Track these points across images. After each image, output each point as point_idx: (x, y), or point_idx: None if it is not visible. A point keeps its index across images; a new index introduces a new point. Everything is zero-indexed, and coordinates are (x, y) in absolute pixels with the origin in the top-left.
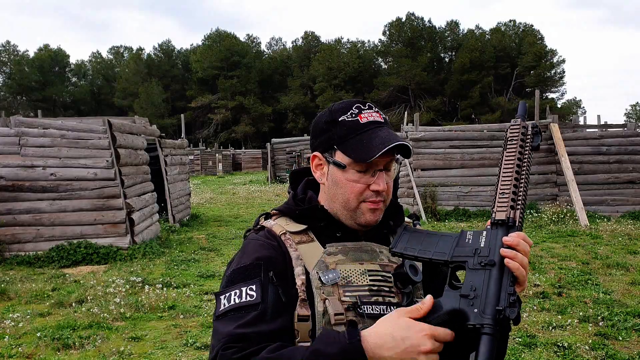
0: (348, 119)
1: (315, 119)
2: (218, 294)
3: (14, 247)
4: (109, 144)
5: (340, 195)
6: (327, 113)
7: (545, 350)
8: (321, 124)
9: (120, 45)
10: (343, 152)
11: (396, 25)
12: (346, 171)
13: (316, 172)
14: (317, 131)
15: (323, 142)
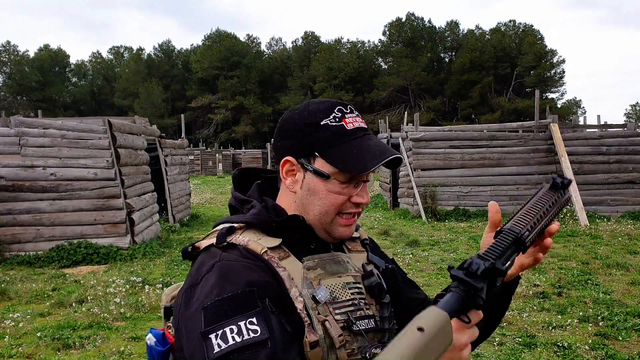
0: (332, 123)
1: (286, 117)
2: (205, 333)
3: (14, 247)
4: (109, 144)
5: (317, 207)
6: (304, 113)
7: (545, 350)
8: (298, 124)
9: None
10: (327, 160)
11: (396, 25)
12: (328, 181)
13: (287, 178)
14: (291, 132)
15: (300, 146)
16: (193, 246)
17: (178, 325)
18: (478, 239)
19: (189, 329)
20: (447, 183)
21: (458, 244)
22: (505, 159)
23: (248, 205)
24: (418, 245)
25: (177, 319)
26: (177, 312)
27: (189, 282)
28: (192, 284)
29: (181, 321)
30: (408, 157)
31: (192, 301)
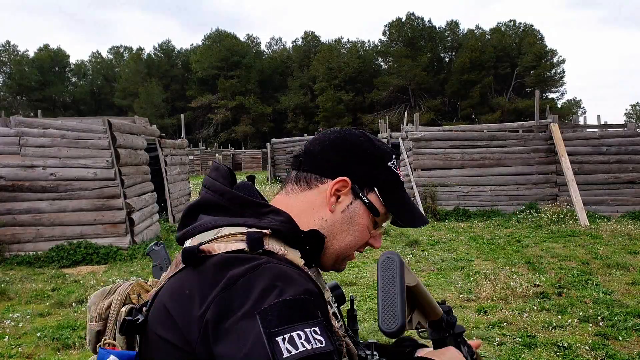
0: (393, 168)
1: (352, 139)
2: (272, 334)
3: (13, 247)
4: (109, 144)
5: (350, 237)
6: (375, 146)
7: (545, 350)
8: (368, 152)
9: (120, 45)
10: (384, 200)
11: (396, 25)
12: (368, 217)
13: (332, 196)
14: (359, 157)
15: (363, 174)
16: (200, 250)
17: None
18: (478, 239)
19: (239, 334)
20: (447, 183)
21: (458, 244)
22: (506, 159)
23: (264, 209)
24: (418, 245)
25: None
26: (186, 318)
27: (209, 287)
28: (225, 288)
29: (217, 330)
30: (408, 157)
31: (234, 305)
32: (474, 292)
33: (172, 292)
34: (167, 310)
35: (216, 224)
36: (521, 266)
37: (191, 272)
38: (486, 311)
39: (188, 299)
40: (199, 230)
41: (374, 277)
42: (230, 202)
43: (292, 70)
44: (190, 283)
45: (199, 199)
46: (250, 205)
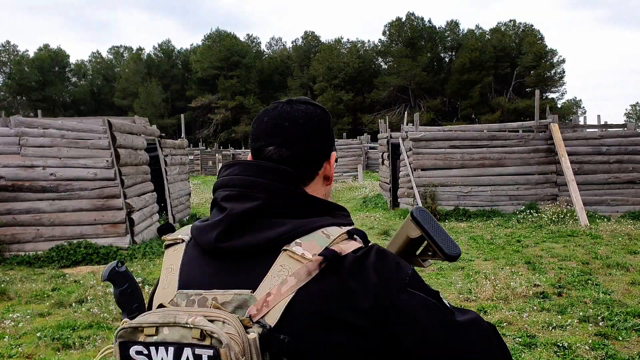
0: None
1: (315, 114)
2: (437, 294)
3: (13, 247)
4: (108, 144)
5: (329, 194)
6: (326, 114)
7: (545, 350)
8: (327, 122)
9: (120, 45)
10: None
11: (396, 25)
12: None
13: (331, 169)
14: (328, 130)
15: (332, 141)
16: (337, 253)
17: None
18: (478, 238)
19: (406, 309)
20: (447, 183)
21: (458, 244)
22: (506, 159)
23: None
24: None
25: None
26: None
27: (363, 280)
28: (379, 274)
29: (395, 307)
30: (408, 157)
31: (392, 285)
32: (474, 292)
33: (325, 297)
34: (327, 314)
35: (314, 226)
36: (521, 266)
37: (335, 275)
38: (486, 311)
39: (347, 296)
40: (297, 234)
41: None
42: (299, 204)
43: (292, 70)
44: (344, 285)
45: (258, 203)
46: (320, 204)
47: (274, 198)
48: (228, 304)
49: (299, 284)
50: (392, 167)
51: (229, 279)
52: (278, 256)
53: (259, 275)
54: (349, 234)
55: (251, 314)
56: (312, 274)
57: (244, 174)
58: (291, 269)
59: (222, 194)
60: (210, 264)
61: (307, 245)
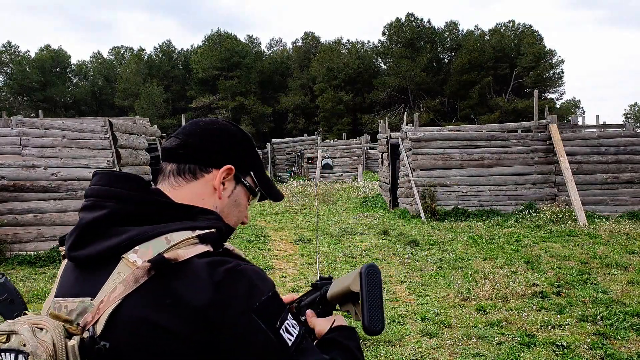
0: (257, 152)
1: (221, 127)
2: (276, 330)
3: (15, 247)
4: (109, 144)
5: (235, 217)
6: (241, 132)
7: (544, 350)
8: (238, 139)
9: (121, 46)
10: (259, 182)
11: (395, 26)
12: (247, 198)
13: (220, 184)
14: (237, 145)
15: (240, 160)
16: (168, 259)
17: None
18: (477, 238)
19: (240, 332)
20: (446, 183)
21: (457, 244)
22: (504, 159)
23: (193, 210)
24: (417, 245)
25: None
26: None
27: (196, 291)
28: (216, 289)
29: (217, 325)
30: (407, 157)
31: (225, 306)
32: (473, 292)
33: (152, 306)
34: (155, 323)
35: (156, 232)
36: (520, 266)
37: (163, 282)
38: (485, 310)
39: (175, 306)
40: (137, 241)
41: None
42: (153, 210)
43: (292, 70)
44: (171, 292)
45: (107, 212)
46: (179, 209)
47: (122, 206)
48: (74, 312)
49: (126, 291)
50: (392, 167)
51: (79, 287)
52: (118, 264)
53: (100, 283)
54: (200, 238)
55: (87, 321)
56: (139, 280)
57: (99, 184)
58: (124, 276)
59: (82, 204)
60: (72, 273)
61: (143, 252)
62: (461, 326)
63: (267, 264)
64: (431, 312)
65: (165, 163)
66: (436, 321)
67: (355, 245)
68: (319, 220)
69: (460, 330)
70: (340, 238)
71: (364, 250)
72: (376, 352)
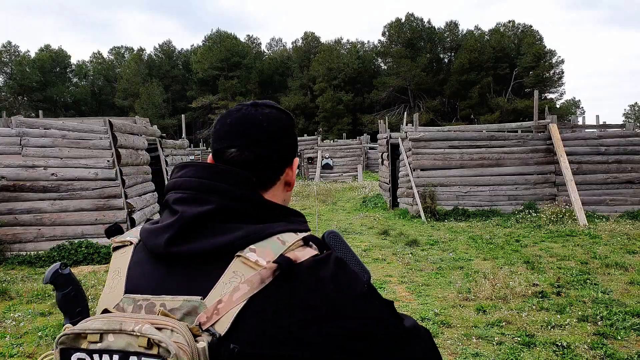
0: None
1: (285, 120)
2: (390, 304)
3: (15, 247)
4: (110, 144)
5: (289, 199)
6: (290, 119)
7: (544, 350)
8: (293, 126)
9: (121, 46)
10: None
11: (396, 26)
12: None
13: (293, 175)
14: (293, 136)
15: (295, 147)
16: (292, 260)
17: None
18: (477, 238)
19: (362, 311)
20: (446, 183)
21: (457, 244)
22: (504, 159)
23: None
24: (417, 245)
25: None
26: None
27: (319, 292)
28: (334, 285)
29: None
30: (407, 157)
31: (345, 296)
32: (473, 292)
33: (277, 307)
34: (278, 325)
35: (269, 231)
36: (520, 266)
37: (288, 283)
38: (485, 310)
39: (300, 307)
40: (252, 240)
41: (374, 277)
42: (254, 209)
43: (292, 70)
44: (296, 293)
45: (211, 207)
46: (277, 209)
47: (227, 202)
48: (177, 311)
49: (252, 292)
50: (392, 167)
51: (179, 284)
52: (231, 262)
53: (211, 282)
54: (305, 240)
55: (201, 322)
56: (265, 281)
57: (198, 177)
58: (244, 275)
59: (174, 196)
60: (160, 268)
61: (262, 251)
62: (461, 326)
63: None
64: (431, 312)
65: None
66: (436, 321)
67: (355, 245)
68: (319, 220)
69: (460, 330)
70: None
71: (364, 250)
72: None
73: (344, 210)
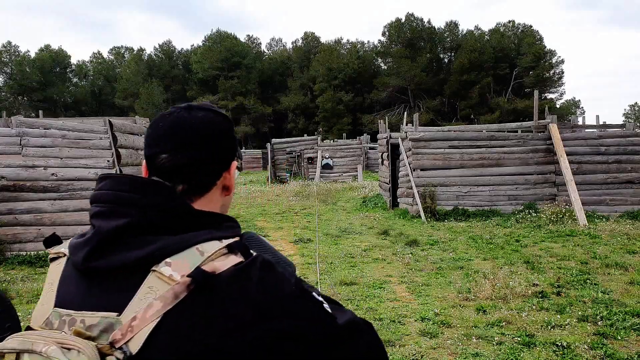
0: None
1: (220, 123)
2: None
3: (15, 247)
4: (109, 144)
5: (229, 204)
6: (222, 117)
7: (544, 350)
8: (231, 128)
9: (121, 46)
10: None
11: (396, 26)
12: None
13: (232, 179)
14: (232, 138)
15: (233, 149)
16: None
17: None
18: (477, 238)
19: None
20: (446, 183)
21: (457, 244)
22: (505, 159)
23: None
24: (417, 245)
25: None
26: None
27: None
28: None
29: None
30: (407, 157)
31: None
32: (473, 292)
33: (193, 322)
34: (195, 340)
35: (187, 243)
36: (520, 266)
37: (204, 297)
38: (485, 310)
39: (221, 320)
40: (167, 253)
41: (374, 277)
42: (179, 219)
43: (292, 70)
44: (213, 307)
45: (126, 221)
46: (204, 217)
47: (145, 215)
48: (95, 327)
49: (165, 308)
50: (392, 167)
51: (98, 300)
52: (147, 277)
53: (127, 298)
54: (230, 248)
55: (115, 339)
56: (179, 297)
57: (115, 189)
58: (159, 291)
59: (93, 210)
60: (83, 283)
61: (177, 264)
62: (461, 326)
63: None
64: (431, 312)
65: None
66: (436, 321)
67: (355, 245)
68: (319, 220)
69: (460, 330)
70: (340, 238)
71: (364, 250)
72: None
73: (344, 210)
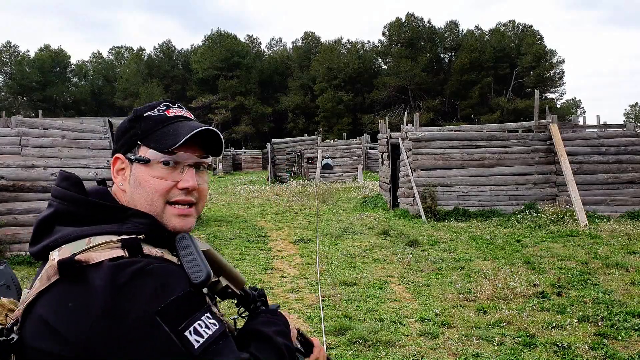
0: (154, 114)
1: (123, 122)
2: (180, 332)
3: (14, 247)
4: (109, 144)
5: (143, 197)
6: (131, 114)
7: (544, 350)
8: (124, 124)
9: (121, 46)
10: (147, 145)
11: (396, 26)
12: (150, 167)
13: (117, 177)
14: (119, 133)
15: (126, 141)
16: (77, 261)
17: (94, 340)
18: (478, 238)
19: (140, 336)
20: (446, 183)
21: (457, 244)
22: (505, 159)
23: (125, 213)
24: (418, 245)
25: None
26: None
27: (97, 297)
28: (116, 294)
29: (113, 335)
30: (408, 157)
31: (125, 311)
32: (474, 292)
33: (53, 306)
34: (51, 324)
35: (82, 233)
36: (521, 266)
37: (70, 284)
38: (486, 311)
39: (75, 311)
40: (63, 241)
41: (374, 277)
42: (88, 211)
43: (292, 70)
44: (72, 295)
45: (52, 210)
46: (110, 210)
47: (64, 205)
48: (23, 304)
49: (41, 288)
50: (392, 167)
51: (32, 282)
52: (47, 262)
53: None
54: (123, 242)
55: (18, 314)
56: (51, 279)
57: (56, 184)
58: (46, 273)
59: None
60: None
61: (64, 251)
62: (462, 326)
63: (267, 264)
64: (432, 312)
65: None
66: (437, 321)
67: (355, 246)
68: (319, 221)
69: (460, 331)
70: (341, 238)
71: (364, 250)
72: (376, 353)
73: (344, 211)
